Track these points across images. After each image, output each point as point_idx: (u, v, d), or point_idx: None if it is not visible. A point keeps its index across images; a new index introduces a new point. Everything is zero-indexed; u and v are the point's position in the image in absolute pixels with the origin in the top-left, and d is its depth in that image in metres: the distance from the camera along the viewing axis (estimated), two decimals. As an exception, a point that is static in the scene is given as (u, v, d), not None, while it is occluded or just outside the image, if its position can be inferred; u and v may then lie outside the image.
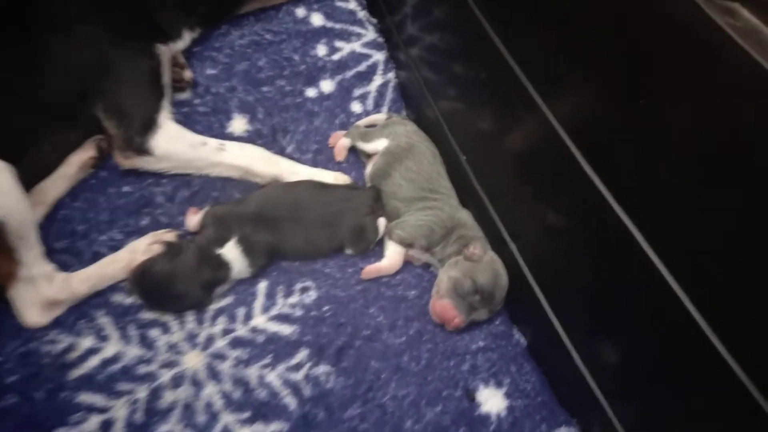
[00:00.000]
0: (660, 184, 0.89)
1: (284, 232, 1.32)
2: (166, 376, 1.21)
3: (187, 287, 1.24)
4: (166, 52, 1.48)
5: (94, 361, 1.21)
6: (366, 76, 1.65)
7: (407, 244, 1.34)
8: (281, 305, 1.31)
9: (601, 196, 0.98)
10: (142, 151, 1.37)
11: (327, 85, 1.63)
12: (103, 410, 1.16)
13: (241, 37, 1.66)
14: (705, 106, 0.78)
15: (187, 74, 1.57)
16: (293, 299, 1.32)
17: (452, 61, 1.43)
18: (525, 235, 1.28)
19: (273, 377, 1.22)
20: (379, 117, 1.58)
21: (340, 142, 1.53)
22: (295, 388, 1.21)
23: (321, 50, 1.66)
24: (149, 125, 1.37)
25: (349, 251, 1.38)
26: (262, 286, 1.34)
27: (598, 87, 0.98)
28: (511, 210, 1.30)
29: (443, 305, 1.26)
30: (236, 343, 1.26)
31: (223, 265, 1.27)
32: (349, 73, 1.64)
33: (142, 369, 1.21)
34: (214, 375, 1.22)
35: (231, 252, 1.28)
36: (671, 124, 0.85)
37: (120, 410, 1.16)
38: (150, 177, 1.43)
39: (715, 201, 0.81)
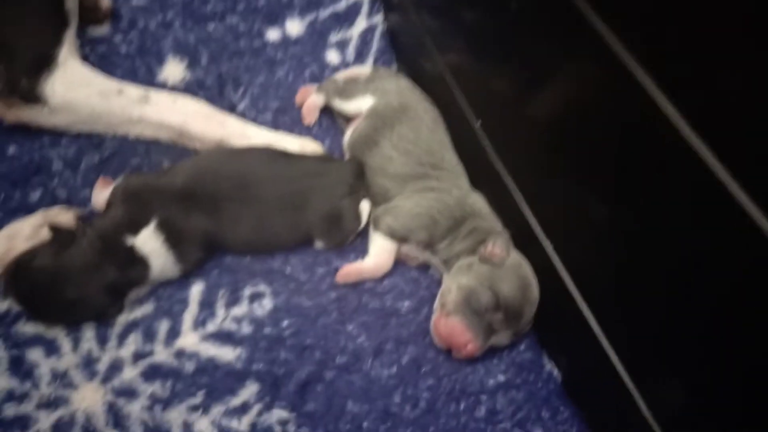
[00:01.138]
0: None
1: (227, 215, 1.08)
2: (46, 421, 0.94)
3: (82, 291, 0.98)
4: (74, -32, 1.24)
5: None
6: (346, 18, 1.41)
7: (400, 238, 1.11)
8: (222, 318, 1.06)
9: (707, 174, 0.68)
10: (33, 97, 1.14)
11: (294, 27, 1.39)
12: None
13: (182, -42, 1.43)
14: None
15: (104, 1, 1.33)
16: (239, 310, 1.07)
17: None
18: (566, 227, 1.03)
19: (205, 425, 0.96)
20: (363, 71, 1.35)
21: (310, 100, 1.29)
22: (236, 443, 0.94)
23: (287, -20, 1.43)
24: (44, 63, 1.13)
25: (319, 244, 1.15)
26: (196, 290, 1.08)
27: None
28: (545, 193, 1.06)
29: (452, 325, 1.01)
30: (153, 372, 1.00)
31: (136, 260, 1.01)
32: (324, 13, 1.41)
33: (11, 410, 0.95)
34: (117, 420, 0.96)
35: (148, 242, 1.02)
36: None
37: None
38: (45, 136, 1.19)
39: None
